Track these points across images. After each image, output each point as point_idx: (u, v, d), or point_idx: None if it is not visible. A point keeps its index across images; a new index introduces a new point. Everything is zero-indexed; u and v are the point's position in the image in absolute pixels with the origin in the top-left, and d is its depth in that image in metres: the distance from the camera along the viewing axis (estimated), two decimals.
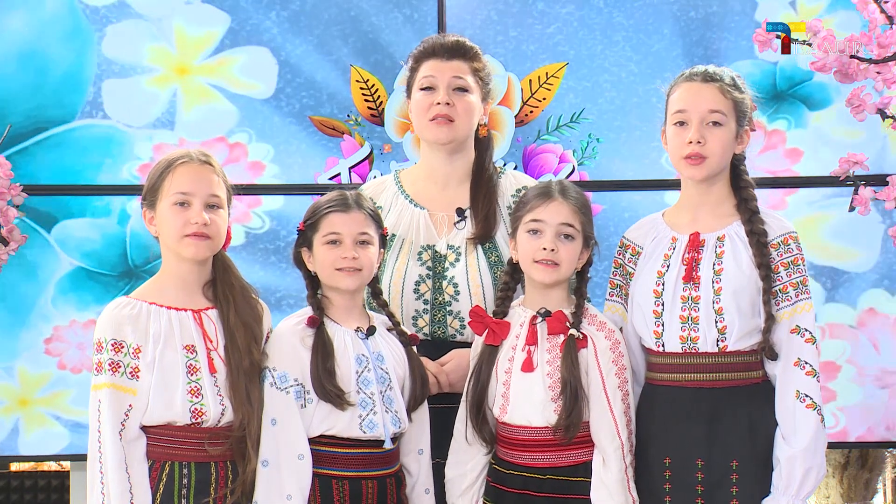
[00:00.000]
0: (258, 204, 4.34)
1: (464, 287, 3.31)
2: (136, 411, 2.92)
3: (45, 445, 4.33)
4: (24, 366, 4.31)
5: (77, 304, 4.32)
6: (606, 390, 3.05)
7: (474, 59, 3.40)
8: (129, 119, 4.33)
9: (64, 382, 4.31)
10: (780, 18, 4.16)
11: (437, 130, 3.35)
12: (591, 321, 3.11)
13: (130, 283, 4.26)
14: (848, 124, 4.19)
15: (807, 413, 3.03)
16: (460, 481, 3.16)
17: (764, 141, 4.28)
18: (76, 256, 4.32)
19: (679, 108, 3.13)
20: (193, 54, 4.33)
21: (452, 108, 3.34)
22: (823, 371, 3.58)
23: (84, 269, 4.32)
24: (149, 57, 4.33)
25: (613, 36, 4.34)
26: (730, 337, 3.06)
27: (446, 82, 3.35)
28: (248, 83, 4.34)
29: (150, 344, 2.94)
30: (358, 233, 3.09)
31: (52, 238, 4.32)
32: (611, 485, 3.02)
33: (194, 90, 4.33)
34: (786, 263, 3.09)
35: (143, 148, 4.32)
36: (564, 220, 3.10)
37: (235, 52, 4.34)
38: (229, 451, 2.97)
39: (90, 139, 4.32)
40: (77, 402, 4.27)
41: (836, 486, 5.58)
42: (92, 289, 4.32)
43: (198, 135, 4.30)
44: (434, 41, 3.41)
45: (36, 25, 4.31)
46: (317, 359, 3.01)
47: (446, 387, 3.25)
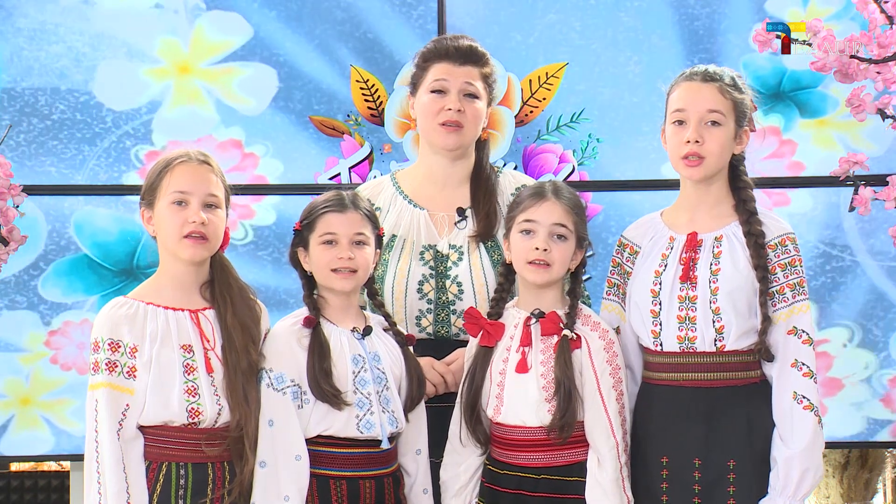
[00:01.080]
0: (258, 202, 4.35)
1: (468, 286, 3.32)
2: (133, 411, 2.93)
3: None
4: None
5: (65, 287, 4.31)
6: (601, 390, 3.05)
7: (485, 65, 3.40)
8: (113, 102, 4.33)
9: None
10: (786, 17, 4.17)
11: (445, 137, 3.35)
12: (585, 321, 3.11)
13: (126, 282, 4.26)
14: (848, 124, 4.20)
15: (804, 414, 3.03)
16: (454, 482, 3.16)
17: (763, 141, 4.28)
18: (86, 244, 4.32)
19: (678, 107, 3.13)
20: (202, 57, 4.33)
21: (462, 114, 3.34)
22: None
23: (87, 256, 4.32)
24: (158, 48, 4.33)
25: (613, 36, 4.34)
26: (728, 337, 3.06)
27: (458, 87, 3.35)
28: (243, 98, 4.34)
29: (146, 343, 2.95)
30: (354, 233, 3.09)
31: (72, 220, 4.32)
32: (606, 485, 3.02)
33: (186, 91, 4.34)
34: (783, 264, 3.09)
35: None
36: (557, 221, 3.10)
37: (244, 65, 4.35)
38: (226, 451, 2.98)
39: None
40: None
41: (836, 486, 5.58)
42: (85, 277, 4.32)
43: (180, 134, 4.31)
44: (448, 43, 3.40)
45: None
46: (313, 359, 3.01)
47: (453, 386, 3.25)
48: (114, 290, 4.29)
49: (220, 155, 4.23)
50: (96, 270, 4.33)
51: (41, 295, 4.31)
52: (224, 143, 4.32)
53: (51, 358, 4.32)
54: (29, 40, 4.30)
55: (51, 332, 4.32)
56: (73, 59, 4.31)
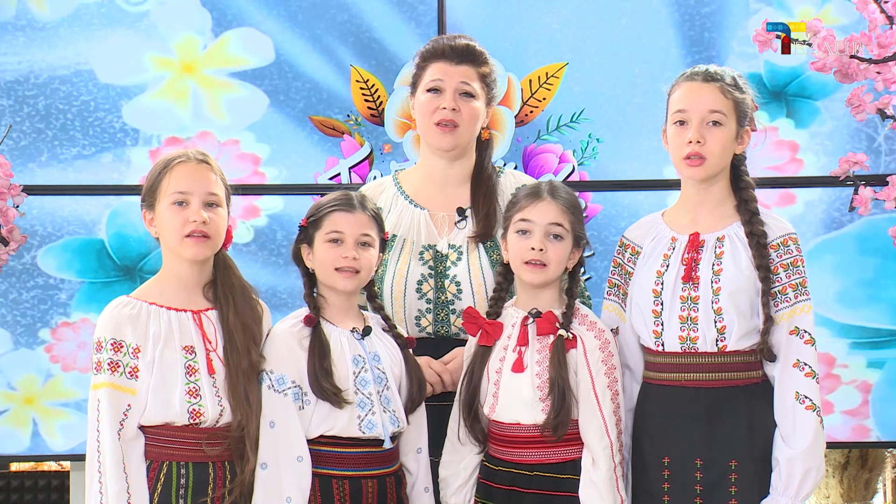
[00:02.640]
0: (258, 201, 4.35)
1: (466, 285, 3.32)
2: (135, 411, 2.93)
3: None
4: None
5: (62, 262, 4.30)
6: (595, 390, 3.05)
7: (482, 65, 3.39)
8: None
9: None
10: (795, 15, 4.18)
11: (440, 137, 3.35)
12: (582, 321, 3.11)
13: (121, 279, 4.26)
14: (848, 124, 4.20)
15: (806, 414, 3.03)
16: (453, 480, 3.17)
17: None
18: (109, 231, 4.32)
19: (679, 107, 3.13)
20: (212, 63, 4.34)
21: (458, 113, 3.34)
22: None
23: (102, 242, 4.31)
24: (152, 67, 4.33)
25: (613, 36, 4.33)
26: (729, 337, 3.06)
27: (454, 87, 3.35)
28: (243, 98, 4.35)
29: (149, 344, 2.95)
30: (360, 233, 3.09)
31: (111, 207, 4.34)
32: (599, 484, 3.01)
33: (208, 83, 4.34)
34: (785, 265, 3.09)
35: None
36: (553, 220, 3.10)
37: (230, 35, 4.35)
38: (227, 451, 2.98)
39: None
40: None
41: (836, 486, 5.57)
42: (87, 259, 4.31)
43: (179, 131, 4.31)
44: (445, 43, 3.40)
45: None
46: (313, 358, 3.02)
47: (450, 385, 3.25)
48: (105, 280, 4.29)
49: (223, 155, 4.24)
50: (101, 258, 4.31)
51: (38, 265, 4.30)
52: (225, 143, 4.32)
53: (50, 357, 4.32)
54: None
55: (51, 331, 4.32)
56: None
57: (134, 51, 4.31)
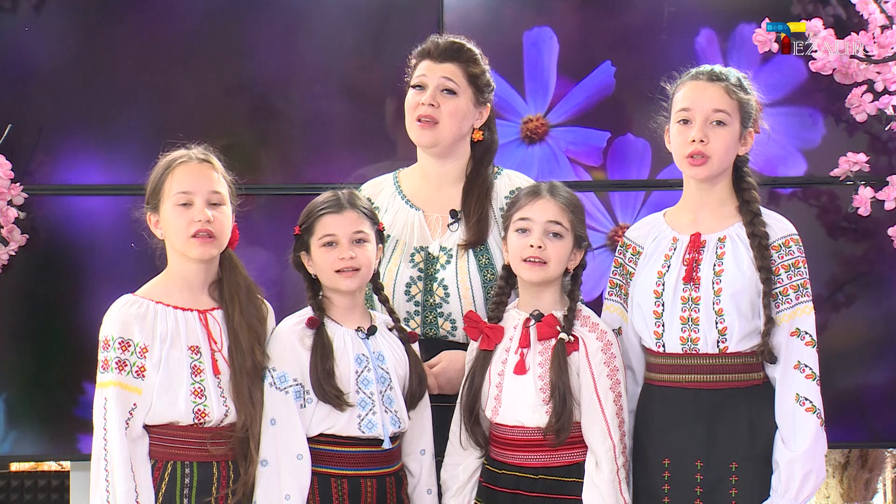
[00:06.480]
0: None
1: (453, 289, 3.31)
2: (140, 410, 2.93)
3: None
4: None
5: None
6: (598, 392, 3.04)
7: (469, 62, 3.38)
8: None
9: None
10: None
11: (419, 133, 3.35)
12: (584, 323, 3.11)
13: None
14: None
15: (806, 416, 3.03)
16: (452, 482, 3.16)
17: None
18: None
19: (683, 106, 3.13)
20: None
21: (437, 109, 3.33)
22: None
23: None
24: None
25: (613, 36, 4.33)
26: (730, 338, 3.06)
27: (435, 83, 3.35)
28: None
29: (157, 343, 2.95)
30: (353, 232, 3.09)
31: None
32: (602, 487, 3.01)
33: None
34: (786, 266, 3.09)
35: None
36: (552, 218, 3.10)
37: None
38: (231, 451, 2.98)
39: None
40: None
41: (836, 486, 5.57)
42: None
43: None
44: (431, 41, 3.41)
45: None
46: (316, 359, 3.02)
47: (434, 389, 3.24)
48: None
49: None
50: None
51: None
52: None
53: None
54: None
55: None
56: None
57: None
